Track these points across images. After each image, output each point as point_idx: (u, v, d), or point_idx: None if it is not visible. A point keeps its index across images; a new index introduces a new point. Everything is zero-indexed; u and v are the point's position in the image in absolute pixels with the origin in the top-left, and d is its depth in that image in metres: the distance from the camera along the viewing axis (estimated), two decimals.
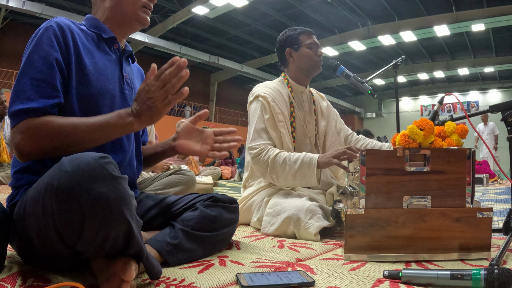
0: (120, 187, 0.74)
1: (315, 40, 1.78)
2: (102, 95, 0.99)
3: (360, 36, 12.53)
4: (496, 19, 10.35)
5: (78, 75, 0.96)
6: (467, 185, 1.16)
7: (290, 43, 1.79)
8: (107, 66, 1.03)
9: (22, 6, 9.22)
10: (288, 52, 1.79)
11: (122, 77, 1.08)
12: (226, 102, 18.21)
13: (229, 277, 0.91)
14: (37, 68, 0.89)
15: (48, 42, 0.91)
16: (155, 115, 0.90)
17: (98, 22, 1.06)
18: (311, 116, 1.84)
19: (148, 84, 0.89)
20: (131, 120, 0.90)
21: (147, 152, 1.25)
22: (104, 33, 1.05)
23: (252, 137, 1.67)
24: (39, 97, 0.88)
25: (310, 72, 1.79)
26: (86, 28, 1.04)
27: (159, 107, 0.89)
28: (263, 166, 1.60)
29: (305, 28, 1.81)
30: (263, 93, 1.70)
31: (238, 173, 6.54)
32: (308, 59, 1.76)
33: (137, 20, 1.08)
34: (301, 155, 1.55)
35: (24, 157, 0.88)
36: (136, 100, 0.91)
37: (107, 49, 1.06)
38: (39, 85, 0.88)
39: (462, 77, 17.62)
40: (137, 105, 0.90)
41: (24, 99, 0.87)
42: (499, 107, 1.26)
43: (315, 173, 1.51)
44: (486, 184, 5.32)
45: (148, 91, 0.88)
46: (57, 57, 0.92)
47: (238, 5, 10.47)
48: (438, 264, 1.09)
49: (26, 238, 0.84)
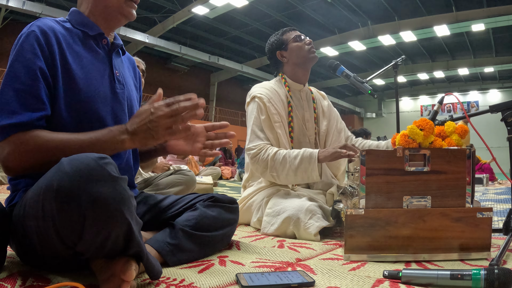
0: (120, 187, 0.74)
1: (298, 33, 1.81)
2: (92, 100, 0.96)
3: (360, 36, 12.53)
4: (496, 19, 10.35)
5: (66, 82, 0.91)
6: (467, 185, 1.16)
7: (277, 46, 1.81)
8: (95, 66, 1.00)
9: (22, 6, 9.22)
10: (279, 54, 1.81)
11: (113, 75, 1.04)
12: (226, 102, 18.21)
13: (229, 277, 0.91)
14: (20, 79, 0.85)
15: (31, 49, 0.87)
16: (152, 139, 0.87)
17: (83, 17, 1.02)
18: (310, 115, 1.83)
19: (155, 107, 0.85)
20: (124, 138, 0.87)
21: (141, 149, 1.23)
22: (90, 30, 1.01)
23: (250, 138, 1.67)
24: (24, 110, 0.84)
25: (306, 63, 1.79)
26: (71, 25, 1.00)
27: (159, 133, 0.86)
28: (263, 165, 1.60)
29: (285, 28, 1.86)
30: (259, 94, 1.71)
31: (238, 173, 6.55)
32: (298, 51, 1.77)
33: (122, 14, 1.03)
34: (301, 151, 1.55)
35: (12, 172, 0.87)
36: (134, 118, 0.88)
37: (95, 46, 1.02)
38: (24, 96, 0.85)
39: (462, 77, 17.63)
40: (135, 123, 0.87)
41: (8, 113, 0.83)
42: (499, 107, 1.26)
43: (316, 167, 1.51)
44: (486, 184, 5.33)
45: (153, 113, 0.85)
46: (41, 65, 0.87)
47: (238, 5, 10.48)
48: (438, 264, 1.09)
49: (26, 239, 0.84)
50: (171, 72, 15.89)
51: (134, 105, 1.13)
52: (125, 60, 1.18)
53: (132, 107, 1.11)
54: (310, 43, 1.77)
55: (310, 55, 1.77)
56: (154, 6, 11.17)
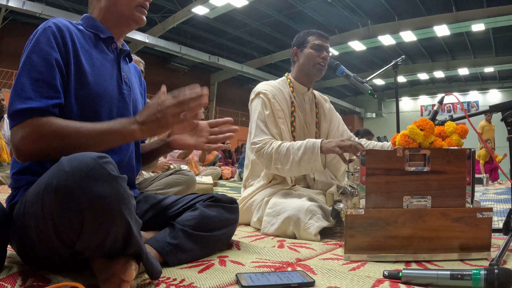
0: (119, 186, 0.74)
1: (322, 43, 1.75)
2: (100, 97, 0.99)
3: (360, 36, 12.53)
4: (496, 19, 10.35)
5: (77, 76, 0.95)
6: (467, 185, 1.16)
7: (298, 43, 1.81)
8: (105, 66, 1.03)
9: (22, 6, 9.22)
10: (295, 51, 1.82)
11: (121, 77, 1.08)
12: (226, 102, 18.20)
13: (229, 277, 0.91)
14: (37, 69, 0.89)
15: (47, 42, 0.91)
16: (161, 127, 0.91)
17: (95, 21, 1.06)
18: (312, 118, 1.84)
19: (162, 99, 0.90)
20: (134, 128, 0.90)
21: (145, 150, 1.25)
22: (101, 32, 1.05)
23: (255, 132, 1.67)
24: (40, 97, 0.87)
25: (310, 74, 1.78)
26: (83, 28, 1.04)
27: (168, 121, 0.90)
28: (267, 158, 1.60)
29: (319, 31, 1.80)
30: (263, 90, 1.72)
31: (238, 173, 6.54)
32: (308, 59, 1.76)
33: (133, 20, 1.07)
34: (304, 141, 1.54)
35: (23, 157, 0.88)
36: (142, 110, 0.92)
37: (105, 48, 1.06)
38: (40, 85, 0.88)
39: (462, 77, 17.62)
40: (143, 115, 0.91)
41: (25, 99, 0.86)
42: (499, 107, 1.26)
43: (319, 157, 1.50)
44: (486, 184, 5.33)
45: (160, 104, 0.90)
46: (57, 57, 0.91)
47: (238, 5, 10.47)
48: (438, 264, 1.09)
49: (26, 238, 0.84)
50: (171, 72, 15.87)
51: (139, 107, 1.17)
52: (132, 68, 1.21)
53: (137, 108, 1.15)
54: (324, 59, 1.74)
55: (314, 69, 1.75)
56: (154, 6, 11.17)
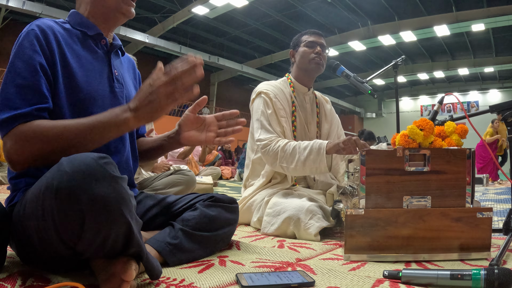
0: (120, 187, 0.74)
1: (314, 39, 1.77)
2: (92, 98, 0.96)
3: (360, 36, 12.52)
4: (496, 19, 10.35)
5: (65, 78, 0.93)
6: (467, 185, 1.16)
7: (294, 44, 1.84)
8: (94, 65, 1.00)
9: (22, 6, 9.21)
10: (291, 53, 1.85)
11: (112, 74, 1.05)
12: (226, 102, 18.19)
13: (229, 277, 0.91)
14: (20, 75, 0.86)
15: (31, 46, 0.88)
16: (156, 111, 0.84)
17: (82, 17, 1.03)
18: (313, 118, 1.85)
19: (153, 78, 0.83)
20: (127, 116, 0.85)
21: (147, 146, 1.23)
22: (89, 30, 1.02)
23: (260, 131, 1.67)
24: (26, 105, 0.85)
25: (308, 71, 1.79)
26: (70, 26, 1.01)
27: (162, 103, 0.83)
28: (273, 156, 1.60)
29: (312, 30, 1.82)
30: (265, 90, 1.73)
31: (238, 173, 6.54)
32: (302, 56, 1.77)
33: (120, 12, 1.03)
34: (311, 142, 1.55)
35: (16, 167, 0.86)
36: (135, 96, 0.86)
37: (94, 46, 1.03)
38: (25, 92, 0.85)
39: (462, 77, 17.61)
40: (136, 100, 0.85)
41: (10, 108, 0.84)
42: (499, 107, 1.26)
43: (324, 159, 1.50)
44: (486, 184, 5.33)
45: (152, 85, 0.83)
46: (41, 61, 0.88)
47: (238, 5, 10.47)
48: (438, 264, 1.09)
49: (26, 239, 0.84)
50: None
51: None
52: (125, 61, 1.18)
53: None
54: (318, 54, 1.74)
55: (311, 65, 1.76)
56: (154, 6, 11.17)
